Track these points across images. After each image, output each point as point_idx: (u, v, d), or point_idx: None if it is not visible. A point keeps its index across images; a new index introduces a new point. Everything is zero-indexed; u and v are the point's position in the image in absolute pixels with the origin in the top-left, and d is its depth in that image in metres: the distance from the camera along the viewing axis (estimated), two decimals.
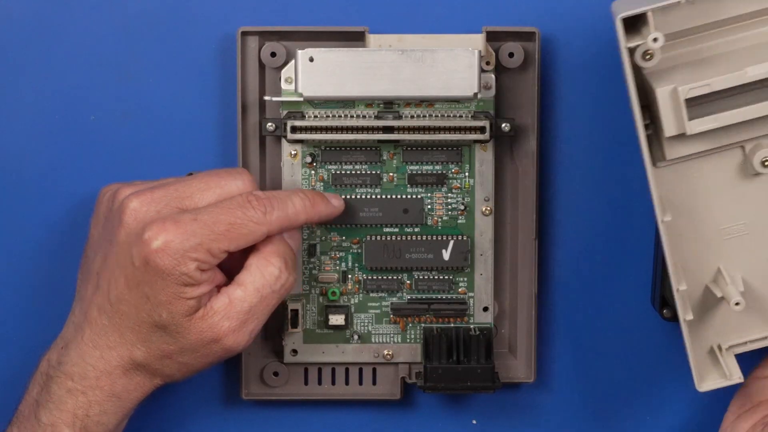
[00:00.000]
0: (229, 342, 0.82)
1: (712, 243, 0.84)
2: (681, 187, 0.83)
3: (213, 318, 0.81)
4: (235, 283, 0.82)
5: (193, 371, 0.84)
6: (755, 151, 0.81)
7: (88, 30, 0.92)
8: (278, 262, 0.82)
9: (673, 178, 0.83)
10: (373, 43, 0.89)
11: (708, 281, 0.85)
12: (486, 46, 0.89)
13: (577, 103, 0.92)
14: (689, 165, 0.82)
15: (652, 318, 0.93)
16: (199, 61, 0.92)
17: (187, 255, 0.80)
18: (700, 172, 0.83)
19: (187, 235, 0.80)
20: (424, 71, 0.86)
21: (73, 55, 0.92)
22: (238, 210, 0.81)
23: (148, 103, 0.92)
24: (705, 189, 0.83)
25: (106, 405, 0.83)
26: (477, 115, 0.89)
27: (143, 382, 0.84)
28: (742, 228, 0.84)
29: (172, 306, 0.81)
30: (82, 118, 0.92)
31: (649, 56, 0.78)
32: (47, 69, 0.92)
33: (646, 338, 0.93)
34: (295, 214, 0.83)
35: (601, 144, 0.92)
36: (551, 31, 0.92)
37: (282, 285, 0.83)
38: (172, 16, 0.92)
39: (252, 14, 0.92)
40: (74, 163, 0.92)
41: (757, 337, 0.85)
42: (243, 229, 0.81)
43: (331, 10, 0.92)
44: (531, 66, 0.90)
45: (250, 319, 0.82)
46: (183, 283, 0.80)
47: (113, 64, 0.92)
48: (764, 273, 0.84)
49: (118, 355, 0.83)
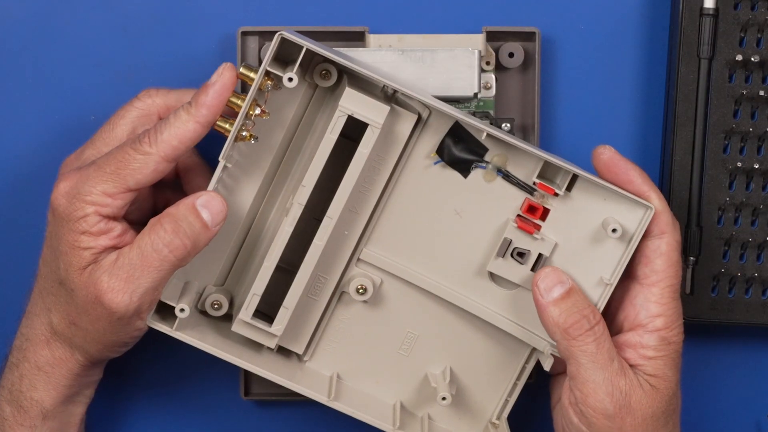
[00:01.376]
0: (108, 299, 0.79)
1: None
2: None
3: (97, 272, 0.80)
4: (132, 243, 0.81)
5: (101, 344, 0.82)
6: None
7: (88, 30, 0.92)
8: (169, 224, 0.80)
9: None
10: (373, 43, 0.89)
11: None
12: (486, 46, 0.89)
13: (577, 103, 0.92)
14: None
15: None
16: (199, 61, 0.92)
17: (81, 198, 0.79)
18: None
19: (84, 179, 0.80)
20: (424, 71, 0.86)
21: (73, 55, 0.92)
22: (127, 146, 0.80)
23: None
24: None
25: (34, 379, 0.83)
26: (477, 115, 0.89)
27: (64, 356, 0.83)
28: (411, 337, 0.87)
29: (68, 256, 0.80)
30: (82, 118, 0.92)
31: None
32: (47, 69, 0.92)
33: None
34: (183, 126, 0.80)
35: (600, 143, 0.92)
36: (551, 31, 0.92)
37: (168, 248, 0.79)
38: (172, 16, 0.92)
39: (252, 14, 0.92)
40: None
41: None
42: (133, 163, 0.80)
43: (331, 10, 0.92)
44: (531, 66, 0.90)
45: (131, 278, 0.79)
46: (80, 231, 0.80)
47: (113, 64, 0.92)
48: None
49: (40, 323, 0.83)
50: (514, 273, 0.83)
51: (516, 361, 0.86)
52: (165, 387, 0.94)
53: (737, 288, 0.89)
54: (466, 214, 0.83)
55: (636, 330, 0.82)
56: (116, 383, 0.93)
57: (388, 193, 0.83)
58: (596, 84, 0.92)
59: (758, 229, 0.89)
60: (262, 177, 0.84)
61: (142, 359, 0.93)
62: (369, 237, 0.84)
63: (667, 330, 0.81)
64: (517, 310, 0.84)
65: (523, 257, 0.83)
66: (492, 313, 0.84)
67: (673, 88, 0.89)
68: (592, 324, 0.80)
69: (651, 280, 0.82)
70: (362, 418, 0.84)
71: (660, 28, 0.92)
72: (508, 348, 0.86)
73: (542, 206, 0.82)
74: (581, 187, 0.82)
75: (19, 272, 0.91)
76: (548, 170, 0.82)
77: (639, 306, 0.82)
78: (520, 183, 0.82)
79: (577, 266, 0.83)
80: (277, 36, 0.79)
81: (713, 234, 0.89)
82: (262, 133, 0.83)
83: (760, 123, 0.89)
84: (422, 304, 0.85)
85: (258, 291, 0.82)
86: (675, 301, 0.82)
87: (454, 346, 0.86)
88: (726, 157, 0.89)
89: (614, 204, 0.82)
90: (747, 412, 0.94)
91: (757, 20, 0.88)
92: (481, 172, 0.82)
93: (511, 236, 0.83)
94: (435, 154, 0.82)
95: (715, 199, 0.89)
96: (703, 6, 0.88)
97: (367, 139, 0.80)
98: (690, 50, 0.88)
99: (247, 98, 0.80)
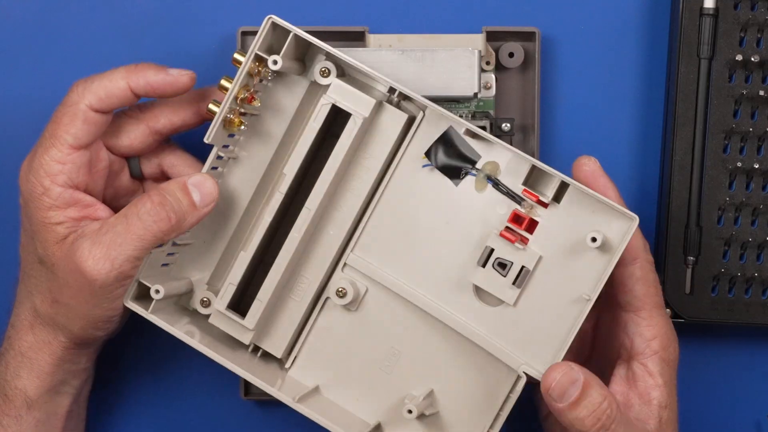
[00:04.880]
0: (89, 267, 0.79)
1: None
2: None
3: (78, 242, 0.80)
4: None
5: (84, 320, 0.82)
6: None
7: (88, 30, 0.92)
8: (157, 197, 0.80)
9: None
10: (373, 43, 0.89)
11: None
12: (486, 46, 0.89)
13: (577, 103, 0.92)
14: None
15: None
16: (199, 61, 0.92)
17: (35, 172, 0.81)
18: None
19: (32, 155, 0.82)
20: (424, 71, 0.86)
21: (73, 55, 0.92)
22: (58, 106, 0.82)
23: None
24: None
25: (18, 367, 0.84)
26: (477, 115, 0.89)
27: (47, 338, 0.83)
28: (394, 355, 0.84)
29: (41, 234, 0.81)
30: None
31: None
32: (48, 69, 0.92)
33: None
34: (114, 83, 0.82)
35: (600, 144, 0.92)
36: (551, 31, 0.92)
37: (153, 219, 0.80)
38: (172, 16, 0.92)
39: (252, 14, 0.92)
40: None
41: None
42: (63, 118, 0.81)
43: (332, 10, 0.92)
44: (531, 66, 0.90)
45: (114, 245, 0.79)
46: (47, 207, 0.81)
47: (113, 64, 0.92)
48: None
49: (24, 309, 0.84)
50: (496, 285, 0.81)
51: (501, 389, 0.82)
52: (165, 387, 0.94)
53: (737, 288, 0.89)
54: (454, 223, 0.82)
55: (636, 358, 0.82)
56: (116, 383, 0.93)
57: (378, 195, 0.83)
58: (596, 84, 0.92)
59: (758, 229, 0.89)
60: (261, 175, 0.84)
61: (141, 359, 0.93)
62: (357, 242, 0.83)
63: (665, 350, 0.82)
64: (498, 328, 0.82)
65: (505, 268, 0.81)
66: (471, 329, 0.82)
67: (673, 88, 0.89)
68: (612, 417, 0.79)
69: (636, 305, 0.82)
70: (327, 426, 0.81)
71: (660, 28, 0.92)
72: (492, 374, 0.82)
73: (529, 217, 0.81)
74: (571, 199, 0.80)
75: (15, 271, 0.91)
76: (540, 180, 0.81)
77: (632, 333, 0.82)
78: (510, 192, 0.81)
79: (561, 281, 0.81)
80: (266, 20, 0.80)
81: (713, 234, 0.89)
82: (263, 132, 0.83)
83: (760, 123, 0.89)
84: (407, 317, 0.83)
85: (234, 280, 0.82)
86: (664, 317, 0.82)
87: (437, 367, 0.83)
88: (726, 157, 0.89)
89: (601, 216, 0.80)
90: (747, 412, 0.94)
91: (757, 20, 0.88)
92: (472, 180, 0.82)
93: (495, 245, 0.81)
94: (424, 156, 0.82)
95: (715, 199, 0.89)
96: (703, 6, 0.88)
97: (348, 129, 0.80)
98: (690, 50, 0.88)
99: (235, 80, 0.80)
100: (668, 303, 0.89)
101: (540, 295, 0.81)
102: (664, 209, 0.89)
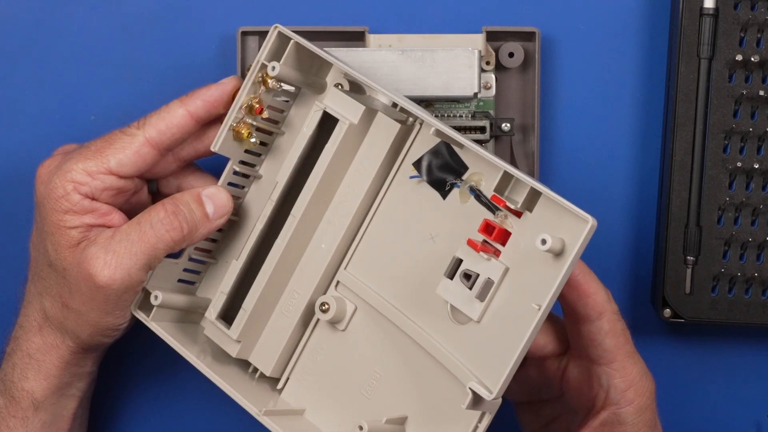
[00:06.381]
0: (102, 274, 0.79)
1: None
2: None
3: (91, 248, 0.80)
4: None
5: (93, 328, 0.82)
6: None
7: (88, 30, 0.92)
8: (170, 206, 0.81)
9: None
10: (373, 43, 0.89)
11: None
12: (486, 46, 0.89)
13: (577, 103, 0.92)
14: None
15: (652, 318, 0.93)
16: (199, 61, 0.92)
17: (61, 174, 0.81)
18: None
19: (68, 158, 0.81)
20: (424, 71, 0.86)
21: (73, 55, 0.92)
22: (116, 131, 0.82)
23: (148, 103, 0.91)
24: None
25: (25, 368, 0.84)
26: (477, 115, 0.89)
27: (55, 342, 0.83)
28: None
29: (54, 237, 0.81)
30: (82, 118, 0.92)
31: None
32: (47, 68, 0.92)
33: (646, 338, 0.93)
34: (172, 112, 0.82)
35: (600, 144, 0.92)
36: (551, 31, 0.92)
37: (165, 228, 0.80)
38: (172, 16, 0.92)
39: (252, 14, 0.92)
40: None
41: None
42: (116, 142, 0.81)
43: (331, 10, 0.92)
44: (531, 66, 0.90)
45: (127, 253, 0.80)
46: (64, 210, 0.81)
47: (113, 64, 0.92)
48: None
49: (33, 310, 0.84)
50: (460, 299, 0.77)
51: (468, 419, 0.76)
52: (168, 388, 0.94)
53: (737, 288, 0.89)
54: (439, 238, 0.79)
55: (609, 408, 0.81)
56: (117, 383, 0.93)
57: (373, 210, 0.81)
58: (596, 84, 0.92)
59: (758, 229, 0.89)
60: (278, 194, 0.82)
61: (144, 362, 0.93)
62: (351, 258, 0.82)
63: (641, 397, 0.81)
64: (466, 348, 0.77)
65: (470, 280, 0.77)
66: (443, 351, 0.78)
67: (673, 88, 0.89)
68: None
69: (607, 358, 0.81)
70: None
71: (660, 28, 0.92)
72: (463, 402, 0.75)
73: (499, 226, 0.77)
74: (543, 206, 0.76)
75: (19, 271, 0.91)
76: (515, 189, 0.77)
77: (606, 385, 0.81)
78: (488, 202, 0.78)
79: (523, 294, 0.76)
80: (272, 29, 0.80)
81: (713, 234, 0.89)
82: (280, 150, 0.83)
83: (760, 123, 0.89)
84: (390, 338, 0.80)
85: (224, 289, 0.82)
86: (636, 364, 0.82)
87: (413, 393, 0.79)
88: (726, 157, 0.89)
89: (567, 223, 0.74)
90: (747, 412, 0.94)
91: (757, 20, 0.88)
92: (458, 192, 0.79)
93: (463, 256, 0.78)
94: (413, 167, 0.80)
95: (715, 199, 0.89)
96: (703, 6, 0.88)
97: (335, 134, 0.80)
98: (690, 50, 0.88)
99: (242, 88, 0.81)
100: (668, 303, 0.89)
101: (504, 310, 0.77)
102: (664, 209, 0.89)
